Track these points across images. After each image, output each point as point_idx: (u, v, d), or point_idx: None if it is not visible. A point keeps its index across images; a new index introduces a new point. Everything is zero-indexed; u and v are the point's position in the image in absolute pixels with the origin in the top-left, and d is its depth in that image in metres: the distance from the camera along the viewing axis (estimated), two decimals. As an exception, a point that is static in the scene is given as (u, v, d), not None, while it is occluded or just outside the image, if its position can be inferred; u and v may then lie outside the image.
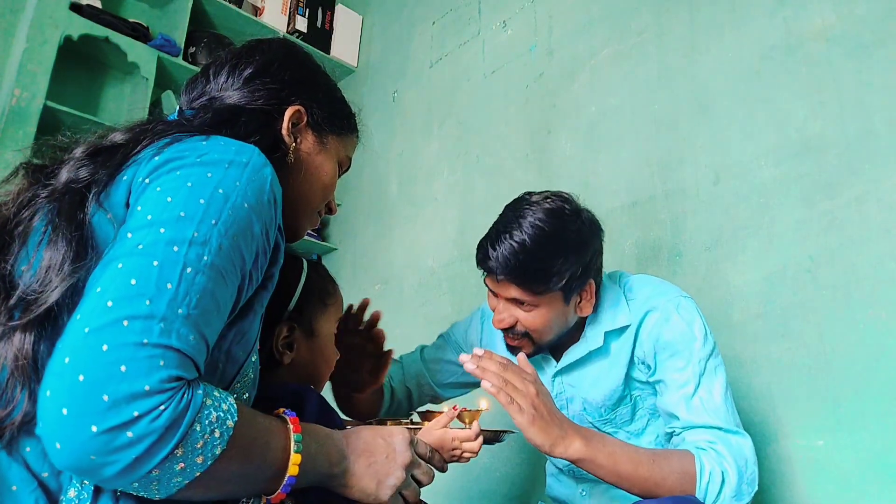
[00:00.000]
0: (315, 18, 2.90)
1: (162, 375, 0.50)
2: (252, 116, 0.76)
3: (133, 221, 0.58)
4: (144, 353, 0.50)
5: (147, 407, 0.49)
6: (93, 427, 0.47)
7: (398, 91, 2.66)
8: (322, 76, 0.89)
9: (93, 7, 2.29)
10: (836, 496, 1.21)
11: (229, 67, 0.81)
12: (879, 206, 1.25)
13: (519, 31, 2.17)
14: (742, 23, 1.55)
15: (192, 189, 0.59)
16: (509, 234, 1.03)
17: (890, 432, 1.16)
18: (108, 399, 0.48)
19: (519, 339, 1.10)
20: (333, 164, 0.87)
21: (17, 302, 0.57)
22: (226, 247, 0.59)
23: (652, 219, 1.62)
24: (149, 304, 0.52)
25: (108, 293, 0.52)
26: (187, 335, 0.54)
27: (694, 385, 1.02)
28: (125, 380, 0.48)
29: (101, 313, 0.51)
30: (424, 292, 2.23)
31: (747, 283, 1.41)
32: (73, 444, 0.48)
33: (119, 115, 2.45)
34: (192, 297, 0.55)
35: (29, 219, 0.63)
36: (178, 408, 0.51)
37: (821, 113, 1.37)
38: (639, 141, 1.70)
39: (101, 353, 0.49)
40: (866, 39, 1.33)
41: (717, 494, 0.93)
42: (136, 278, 0.53)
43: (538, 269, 1.01)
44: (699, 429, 0.99)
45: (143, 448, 0.49)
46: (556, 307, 1.06)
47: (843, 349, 1.24)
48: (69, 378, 0.48)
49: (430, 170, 2.37)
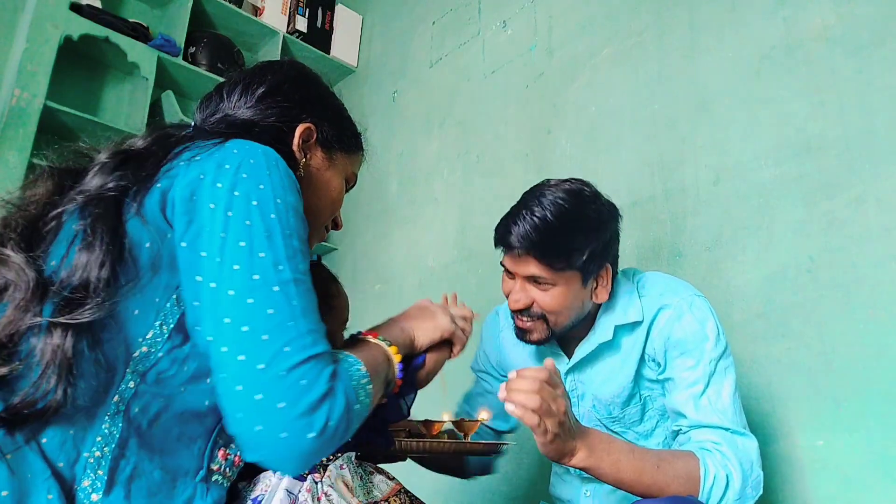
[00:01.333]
0: (315, 18, 2.90)
1: (327, 374, 0.62)
2: (265, 130, 0.81)
3: (227, 250, 0.63)
4: (310, 364, 0.61)
5: (330, 399, 0.61)
6: (309, 434, 0.59)
7: (398, 91, 2.66)
8: (330, 96, 0.93)
9: (93, 7, 2.29)
10: (836, 496, 1.21)
11: (242, 87, 0.85)
12: (879, 206, 1.25)
13: (519, 31, 2.17)
14: (742, 23, 1.55)
15: (260, 207, 0.66)
16: (530, 210, 1.03)
17: (890, 432, 1.16)
18: (307, 410, 0.59)
19: (533, 322, 1.07)
20: (341, 179, 0.91)
21: (54, 297, 0.60)
22: (303, 248, 0.68)
23: (652, 219, 1.62)
24: (293, 324, 0.62)
25: (259, 329, 0.60)
26: (323, 333, 0.65)
27: (703, 384, 1.01)
28: (310, 390, 0.60)
29: (263, 348, 0.60)
30: (424, 292, 2.23)
31: (747, 283, 1.41)
32: (302, 451, 0.59)
33: (119, 115, 2.45)
34: (308, 300, 0.65)
35: (58, 219, 0.67)
36: (344, 387, 0.63)
37: (821, 113, 1.37)
38: (639, 141, 1.70)
39: (283, 379, 0.59)
40: (866, 39, 1.33)
41: (720, 498, 0.93)
42: (272, 307, 0.61)
43: (559, 243, 1.01)
44: (706, 429, 0.99)
45: (343, 426, 0.62)
46: (574, 288, 1.05)
47: (843, 349, 1.24)
48: (271, 409, 0.58)
49: (430, 170, 2.37)
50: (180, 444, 0.66)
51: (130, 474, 0.61)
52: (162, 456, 0.64)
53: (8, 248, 0.62)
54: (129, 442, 0.62)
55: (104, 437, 0.60)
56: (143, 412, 0.63)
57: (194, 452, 0.67)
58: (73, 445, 0.59)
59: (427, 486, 1.36)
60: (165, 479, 0.64)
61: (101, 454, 0.60)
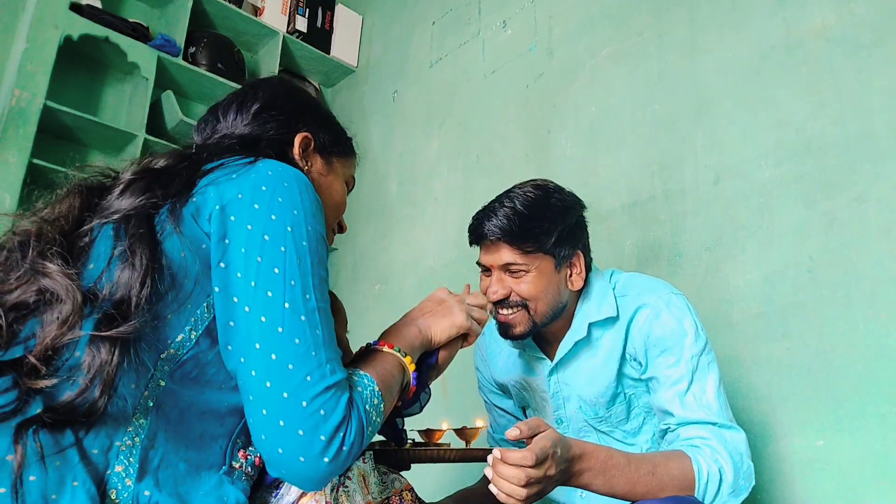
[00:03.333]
0: (315, 18, 2.90)
1: (343, 403, 0.67)
2: (270, 143, 0.85)
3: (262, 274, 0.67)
4: (329, 394, 0.66)
5: (345, 428, 0.66)
6: (325, 459, 0.65)
7: (398, 91, 2.66)
8: (318, 103, 0.97)
9: (93, 7, 2.29)
10: (835, 496, 1.21)
11: (236, 105, 0.89)
12: (879, 206, 1.25)
13: (519, 31, 2.17)
14: (742, 23, 1.55)
15: (293, 233, 0.70)
16: (500, 203, 1.11)
17: (890, 432, 1.16)
18: (324, 438, 0.65)
19: (514, 312, 1.10)
20: (342, 183, 0.95)
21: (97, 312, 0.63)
22: (325, 275, 0.73)
23: (652, 219, 1.62)
24: (315, 355, 0.67)
25: (286, 358, 0.65)
26: (339, 361, 0.70)
27: (687, 381, 1.02)
28: (328, 419, 0.65)
29: (288, 377, 0.65)
30: (424, 292, 2.22)
31: (747, 283, 1.41)
32: (319, 474, 0.65)
33: (119, 115, 2.45)
34: (329, 330, 0.70)
35: (89, 234, 0.70)
36: (358, 414, 0.69)
37: (821, 113, 1.37)
38: (639, 141, 1.70)
39: (304, 409, 0.64)
40: (866, 39, 1.33)
41: (715, 493, 0.94)
42: (298, 338, 0.66)
43: (527, 227, 1.07)
44: (693, 425, 1.00)
45: (357, 448, 0.68)
46: (547, 273, 1.10)
47: (843, 349, 1.24)
48: (292, 436, 0.64)
49: (430, 170, 2.37)
50: (203, 441, 0.69)
51: (158, 464, 0.64)
52: (187, 450, 0.67)
53: (48, 262, 0.64)
54: (157, 434, 0.65)
55: (135, 428, 0.63)
56: (171, 408, 0.66)
57: (216, 450, 0.71)
58: (105, 436, 0.61)
59: (429, 487, 1.36)
60: (190, 471, 0.67)
61: (132, 443, 0.63)
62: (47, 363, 0.60)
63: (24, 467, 0.55)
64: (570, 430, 1.19)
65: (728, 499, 0.95)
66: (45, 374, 0.59)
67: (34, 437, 0.56)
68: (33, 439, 0.56)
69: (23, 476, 0.54)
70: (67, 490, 0.57)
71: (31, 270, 0.64)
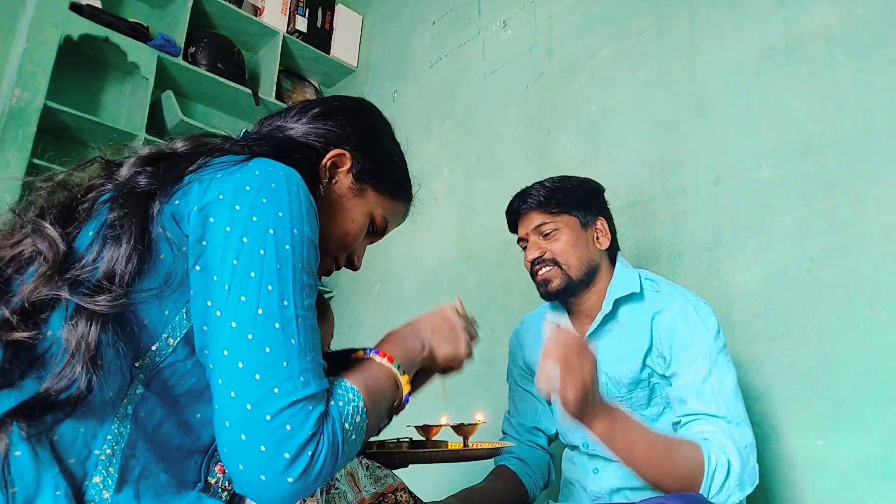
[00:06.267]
0: (315, 18, 2.90)
1: (314, 418, 0.61)
2: (298, 146, 0.82)
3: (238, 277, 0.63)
4: (297, 408, 0.61)
5: (314, 446, 0.61)
6: (289, 479, 0.59)
7: (398, 91, 2.66)
8: (388, 139, 0.93)
9: (93, 7, 2.29)
10: (836, 496, 1.21)
11: (305, 108, 0.87)
12: (879, 206, 1.25)
13: (519, 31, 2.17)
14: (742, 23, 1.55)
15: (275, 236, 0.65)
16: (527, 187, 1.28)
17: (890, 432, 1.16)
18: (288, 456, 0.59)
19: (549, 269, 1.22)
20: (364, 215, 0.88)
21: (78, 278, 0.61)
22: (312, 283, 0.68)
23: (652, 219, 1.62)
24: (286, 365, 0.62)
25: (253, 367, 0.61)
26: (318, 372, 0.64)
27: (705, 374, 1.07)
28: (294, 436, 0.60)
29: (254, 388, 0.60)
30: (424, 292, 2.23)
31: (747, 283, 1.41)
32: (281, 494, 0.60)
33: (119, 115, 2.45)
34: (308, 340, 0.65)
35: (92, 202, 0.69)
36: (331, 432, 0.63)
37: (821, 113, 1.37)
38: (639, 141, 1.70)
39: (268, 423, 0.59)
40: (866, 39, 1.33)
41: (722, 483, 0.97)
42: (268, 346, 0.62)
43: (551, 193, 1.23)
44: (706, 417, 1.04)
45: (327, 469, 0.62)
46: (575, 230, 1.23)
47: (843, 349, 1.24)
48: (253, 451, 0.59)
49: (430, 170, 2.37)
50: (180, 453, 0.67)
51: (139, 474, 0.62)
52: (166, 462, 0.65)
53: (46, 222, 0.65)
54: (137, 444, 0.62)
55: (114, 436, 0.61)
56: (149, 417, 0.64)
57: (192, 465, 0.68)
58: (84, 443, 0.59)
59: (428, 486, 1.36)
60: (171, 483, 0.64)
61: (111, 452, 0.60)
62: (24, 317, 0.59)
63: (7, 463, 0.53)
64: None
65: (734, 490, 0.98)
66: (19, 328, 0.58)
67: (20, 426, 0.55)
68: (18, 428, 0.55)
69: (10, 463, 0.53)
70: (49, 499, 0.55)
71: (29, 228, 0.64)
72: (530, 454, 1.34)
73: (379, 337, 0.84)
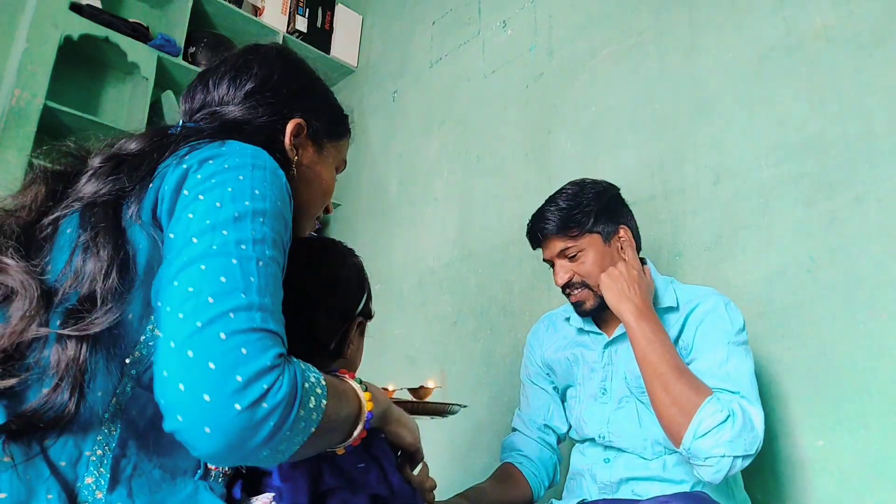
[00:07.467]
0: (315, 18, 2.90)
1: (274, 352, 0.55)
2: (258, 129, 0.79)
3: (192, 227, 0.61)
4: (255, 336, 0.55)
5: (271, 380, 0.54)
6: (236, 406, 0.52)
7: (398, 91, 2.66)
8: (317, 83, 0.91)
9: (93, 7, 2.29)
10: (836, 496, 1.21)
11: (229, 80, 0.83)
12: (879, 206, 1.25)
13: (519, 31, 2.17)
14: (742, 23, 1.55)
15: (234, 193, 0.63)
16: (546, 205, 1.26)
17: (890, 432, 1.16)
18: (241, 379, 0.52)
19: (580, 291, 1.24)
20: (331, 170, 0.91)
21: (60, 307, 0.59)
22: (277, 241, 0.64)
23: (652, 219, 1.62)
24: (244, 296, 0.56)
25: (206, 291, 0.56)
26: (277, 318, 0.59)
27: (722, 359, 1.10)
28: (249, 360, 0.53)
29: (206, 309, 0.55)
30: (424, 292, 2.23)
31: (747, 283, 1.41)
32: (223, 424, 0.52)
33: (119, 115, 2.45)
34: (269, 285, 0.60)
35: (54, 225, 0.66)
36: (291, 377, 0.56)
37: (821, 113, 1.37)
38: (639, 141, 1.70)
39: (221, 341, 0.53)
40: (866, 39, 1.33)
41: (713, 427, 0.98)
42: (224, 276, 0.57)
43: (568, 217, 1.22)
44: (722, 391, 1.05)
45: (278, 414, 0.54)
46: (598, 248, 1.23)
47: (843, 349, 1.24)
48: (200, 368, 0.52)
49: (430, 170, 2.37)
50: (175, 446, 0.64)
51: (131, 473, 0.61)
52: (160, 456, 0.64)
53: (7, 257, 0.61)
54: (128, 442, 0.62)
55: (104, 436, 0.60)
56: (140, 415, 0.63)
57: (189, 454, 0.66)
58: (74, 445, 0.58)
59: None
60: (165, 478, 0.64)
61: (102, 453, 0.60)
62: (6, 363, 0.57)
63: None
64: (611, 399, 1.25)
65: (723, 445, 0.98)
66: (4, 374, 0.56)
67: (4, 447, 0.53)
68: (2, 450, 0.53)
69: None
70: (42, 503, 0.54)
71: None
72: (538, 453, 1.34)
73: (379, 335, 0.84)
